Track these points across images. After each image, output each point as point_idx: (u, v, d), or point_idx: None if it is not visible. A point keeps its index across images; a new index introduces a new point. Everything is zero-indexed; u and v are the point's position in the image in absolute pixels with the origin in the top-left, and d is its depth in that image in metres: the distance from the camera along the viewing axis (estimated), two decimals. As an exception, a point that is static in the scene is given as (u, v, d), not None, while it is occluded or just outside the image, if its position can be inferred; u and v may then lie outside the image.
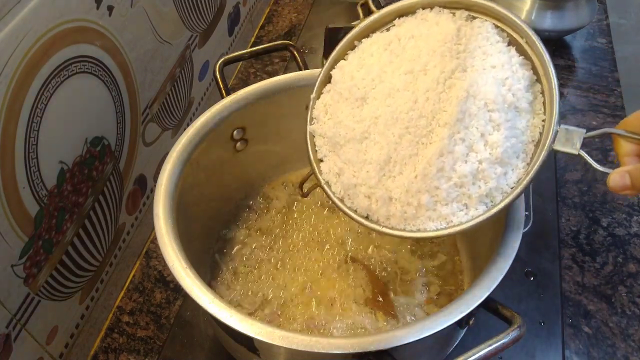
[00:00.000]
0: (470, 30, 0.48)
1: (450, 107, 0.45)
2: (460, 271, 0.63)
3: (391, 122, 0.47)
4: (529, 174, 0.45)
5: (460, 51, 0.47)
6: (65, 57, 0.53)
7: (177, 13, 0.74)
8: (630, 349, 0.61)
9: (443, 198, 0.46)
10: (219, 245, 0.66)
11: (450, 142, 0.45)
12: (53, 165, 0.54)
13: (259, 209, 0.69)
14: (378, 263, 0.63)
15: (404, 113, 0.47)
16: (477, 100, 0.45)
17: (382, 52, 0.50)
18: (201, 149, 0.58)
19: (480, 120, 0.45)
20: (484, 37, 0.47)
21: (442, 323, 0.42)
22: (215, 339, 0.63)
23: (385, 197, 0.48)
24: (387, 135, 0.48)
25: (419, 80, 0.47)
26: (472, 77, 0.45)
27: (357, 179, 0.49)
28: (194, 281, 0.45)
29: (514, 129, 0.45)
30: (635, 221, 0.72)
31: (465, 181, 0.45)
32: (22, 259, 0.51)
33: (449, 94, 0.46)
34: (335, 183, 0.52)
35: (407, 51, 0.49)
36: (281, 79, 0.63)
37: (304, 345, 0.41)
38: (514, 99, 0.45)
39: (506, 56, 0.46)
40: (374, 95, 0.49)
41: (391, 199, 0.48)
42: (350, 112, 0.50)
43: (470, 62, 0.46)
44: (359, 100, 0.50)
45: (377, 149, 0.48)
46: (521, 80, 0.46)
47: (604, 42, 0.97)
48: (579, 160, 0.79)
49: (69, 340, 0.61)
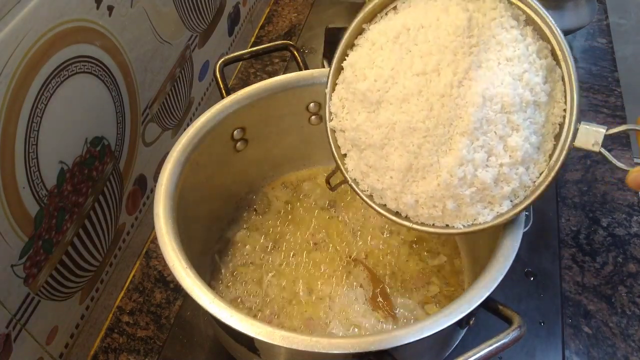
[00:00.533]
0: (482, 18, 0.46)
1: (466, 114, 0.45)
2: (460, 271, 0.63)
3: (409, 132, 0.47)
4: (550, 174, 0.45)
5: (473, 44, 0.45)
6: (65, 57, 0.53)
7: (177, 13, 0.74)
8: (630, 349, 0.61)
9: (467, 202, 0.47)
10: (219, 246, 0.66)
11: (469, 151, 0.45)
12: (53, 165, 0.54)
13: (259, 209, 0.69)
14: (378, 263, 0.63)
15: (421, 122, 0.46)
16: (494, 104, 0.44)
17: (392, 46, 0.49)
18: (201, 149, 0.58)
19: (499, 125, 0.45)
20: (497, 23, 0.45)
21: (443, 323, 0.42)
22: (215, 339, 0.63)
23: (412, 201, 0.49)
24: (406, 145, 0.48)
25: (432, 83, 0.46)
26: (487, 76, 0.45)
27: (382, 184, 0.50)
28: (194, 281, 0.45)
29: (534, 125, 0.45)
30: (635, 221, 0.72)
31: (488, 186, 0.46)
32: (22, 259, 0.51)
33: (465, 99, 0.45)
34: (362, 180, 0.53)
35: (418, 46, 0.48)
36: (281, 79, 0.63)
37: (305, 345, 0.41)
38: (532, 97, 0.45)
39: (522, 45, 0.45)
40: (388, 99, 0.49)
41: (417, 201, 0.49)
42: (367, 116, 0.50)
43: (485, 56, 0.45)
44: (374, 104, 0.50)
45: (398, 156, 0.48)
46: (539, 72, 0.45)
47: (604, 42, 0.97)
48: (579, 160, 0.79)
49: (69, 340, 0.61)
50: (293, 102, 0.64)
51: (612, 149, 0.80)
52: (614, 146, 0.81)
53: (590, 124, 0.45)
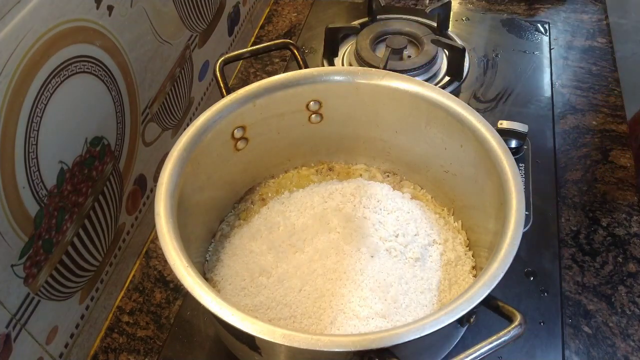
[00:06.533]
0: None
1: None
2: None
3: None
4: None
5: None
6: (65, 57, 0.53)
7: (177, 13, 0.74)
8: (630, 349, 0.61)
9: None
10: (219, 244, 0.65)
11: None
12: (53, 165, 0.54)
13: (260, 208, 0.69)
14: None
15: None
16: None
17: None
18: (202, 147, 0.58)
19: None
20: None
21: (444, 321, 0.42)
22: (215, 339, 0.63)
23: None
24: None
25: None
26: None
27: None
28: (195, 280, 0.45)
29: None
30: (635, 221, 0.72)
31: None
32: (22, 258, 0.51)
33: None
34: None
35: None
36: (281, 78, 0.63)
37: (306, 344, 0.41)
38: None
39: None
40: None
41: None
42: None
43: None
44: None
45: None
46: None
47: (604, 42, 0.97)
48: (578, 160, 0.80)
49: (69, 340, 0.61)
50: (293, 101, 0.64)
51: (612, 148, 0.80)
52: (614, 146, 0.81)
53: None
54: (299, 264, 0.59)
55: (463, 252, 0.62)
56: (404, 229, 0.62)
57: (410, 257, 0.59)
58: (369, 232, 0.61)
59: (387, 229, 0.61)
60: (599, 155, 0.80)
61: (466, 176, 0.62)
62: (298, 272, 0.58)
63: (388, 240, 0.60)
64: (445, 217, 0.67)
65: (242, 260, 0.61)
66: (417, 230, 0.62)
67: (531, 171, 0.76)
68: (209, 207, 0.64)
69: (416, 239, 0.61)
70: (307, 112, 0.66)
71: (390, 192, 0.67)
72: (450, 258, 0.61)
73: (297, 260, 0.59)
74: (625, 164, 0.78)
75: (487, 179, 0.56)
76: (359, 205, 0.63)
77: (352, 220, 0.62)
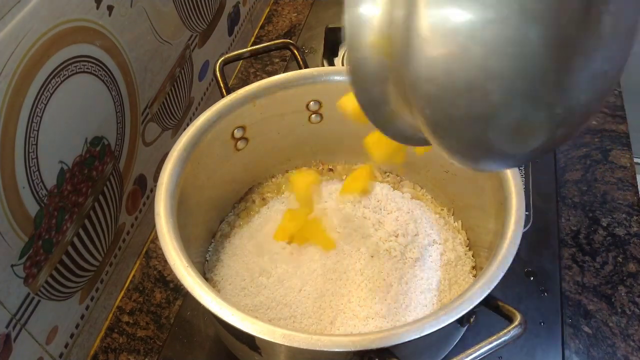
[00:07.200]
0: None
1: None
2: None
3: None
4: None
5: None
6: (65, 57, 0.53)
7: (177, 13, 0.74)
8: (630, 349, 0.61)
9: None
10: (219, 244, 0.65)
11: None
12: (53, 165, 0.54)
13: (260, 208, 0.69)
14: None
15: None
16: None
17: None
18: (202, 147, 0.58)
19: None
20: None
21: (444, 321, 0.42)
22: (215, 339, 0.63)
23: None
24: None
25: None
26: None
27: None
28: (195, 280, 0.45)
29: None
30: (635, 221, 0.72)
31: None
32: (22, 258, 0.51)
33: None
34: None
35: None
36: (281, 78, 0.63)
37: (306, 344, 0.41)
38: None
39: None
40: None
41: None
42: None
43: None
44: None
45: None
46: None
47: (603, 42, 0.97)
48: (578, 160, 0.79)
49: (69, 340, 0.61)
50: (293, 101, 0.64)
51: (612, 148, 0.80)
52: (614, 146, 0.81)
53: None
54: (299, 264, 0.59)
55: (463, 252, 0.62)
56: (404, 229, 0.62)
57: (410, 257, 0.59)
58: (369, 232, 0.61)
59: (387, 229, 0.61)
60: (599, 155, 0.80)
61: (466, 176, 0.62)
62: (298, 272, 0.58)
63: (388, 240, 0.60)
64: (445, 217, 0.67)
65: (242, 260, 0.61)
66: (417, 230, 0.62)
67: (531, 171, 0.76)
68: (209, 207, 0.64)
69: (416, 239, 0.61)
70: (307, 112, 0.67)
71: (390, 192, 0.67)
72: (450, 258, 0.61)
73: (297, 260, 0.59)
74: (625, 164, 0.78)
75: (487, 179, 0.56)
76: (359, 205, 0.64)
77: (352, 220, 0.62)
